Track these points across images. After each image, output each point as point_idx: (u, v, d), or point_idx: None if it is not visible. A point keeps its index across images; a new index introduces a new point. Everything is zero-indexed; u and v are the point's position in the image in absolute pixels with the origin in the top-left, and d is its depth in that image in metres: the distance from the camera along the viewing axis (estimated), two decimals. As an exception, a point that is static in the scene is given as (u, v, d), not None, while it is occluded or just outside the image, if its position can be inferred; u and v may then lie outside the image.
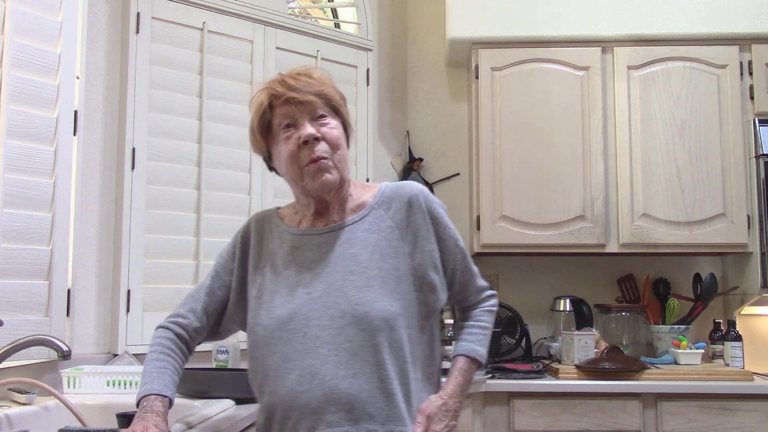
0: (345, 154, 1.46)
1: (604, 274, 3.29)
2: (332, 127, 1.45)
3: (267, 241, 1.53)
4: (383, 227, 1.45)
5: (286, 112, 1.44)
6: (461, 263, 1.52)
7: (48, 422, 1.75)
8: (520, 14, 3.07)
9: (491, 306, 1.60)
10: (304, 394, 1.34)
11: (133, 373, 2.08)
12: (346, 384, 1.33)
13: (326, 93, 1.45)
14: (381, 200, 1.49)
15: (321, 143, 1.42)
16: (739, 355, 2.84)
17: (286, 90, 1.43)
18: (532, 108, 3.05)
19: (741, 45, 3.01)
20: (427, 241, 1.46)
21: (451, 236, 1.51)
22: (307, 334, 1.37)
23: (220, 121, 2.66)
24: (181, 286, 2.52)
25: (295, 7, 3.17)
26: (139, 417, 1.31)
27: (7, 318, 1.81)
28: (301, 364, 1.36)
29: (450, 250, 1.50)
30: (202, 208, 2.58)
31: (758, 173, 2.90)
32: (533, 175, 3.01)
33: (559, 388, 2.67)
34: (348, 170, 1.49)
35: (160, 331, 1.51)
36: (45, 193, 2.04)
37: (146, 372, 1.43)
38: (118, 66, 2.46)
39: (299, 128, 1.43)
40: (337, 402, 1.33)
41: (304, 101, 1.42)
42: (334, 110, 1.47)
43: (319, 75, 1.47)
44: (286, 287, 1.43)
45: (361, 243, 1.43)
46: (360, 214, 1.48)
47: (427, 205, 1.49)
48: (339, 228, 1.46)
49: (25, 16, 2.00)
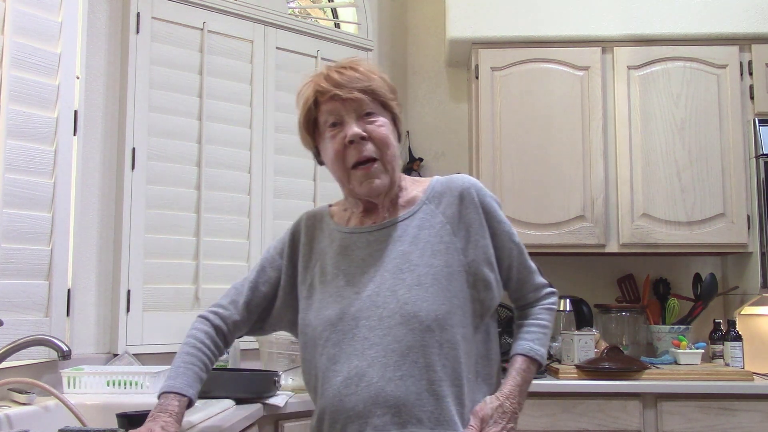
0: (395, 152, 1.40)
1: (604, 274, 3.29)
2: (380, 125, 1.38)
3: (317, 240, 1.49)
4: (434, 223, 1.40)
5: (331, 110, 1.38)
6: (517, 259, 1.46)
7: (48, 422, 1.75)
8: (520, 14, 3.07)
9: (551, 304, 1.52)
10: (350, 397, 1.30)
11: (133, 373, 2.08)
12: (392, 386, 1.28)
13: (373, 88, 1.38)
14: (432, 195, 1.44)
15: (368, 143, 1.37)
16: (739, 355, 2.84)
17: (331, 86, 1.37)
18: (532, 108, 3.05)
19: (741, 45, 3.01)
20: (481, 236, 1.40)
21: (505, 231, 1.44)
22: (356, 335, 1.33)
23: (220, 121, 2.66)
24: (181, 286, 2.53)
25: (295, 7, 3.17)
26: (152, 416, 1.31)
27: (7, 318, 1.81)
28: (348, 366, 1.32)
29: (505, 245, 1.44)
30: (202, 208, 2.58)
31: (758, 173, 2.90)
32: (533, 175, 3.01)
33: (559, 388, 2.67)
34: (398, 169, 1.43)
35: (198, 322, 1.49)
36: (45, 193, 2.04)
37: (174, 365, 1.41)
38: (118, 66, 2.46)
39: (345, 127, 1.37)
40: (384, 405, 1.28)
41: (349, 98, 1.36)
42: (382, 105, 1.40)
43: (366, 68, 1.41)
44: (335, 287, 1.40)
45: (411, 240, 1.38)
46: (411, 210, 1.43)
47: (479, 199, 1.43)
48: (389, 225, 1.42)
49: (25, 16, 2.00)
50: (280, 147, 2.81)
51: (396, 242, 1.39)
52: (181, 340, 2.47)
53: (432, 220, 1.40)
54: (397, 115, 1.44)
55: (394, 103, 1.42)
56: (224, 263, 2.64)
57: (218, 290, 2.58)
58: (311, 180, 2.90)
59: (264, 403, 2.01)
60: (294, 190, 2.84)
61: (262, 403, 1.99)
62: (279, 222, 2.78)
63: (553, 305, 1.53)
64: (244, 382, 2.01)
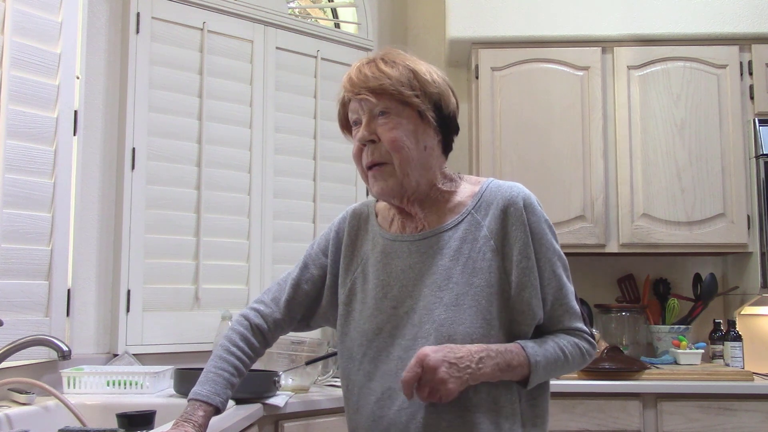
0: (409, 154, 1.31)
1: (604, 274, 3.29)
2: (391, 126, 1.31)
3: (361, 241, 1.44)
4: (479, 236, 1.32)
5: (353, 108, 1.36)
6: (554, 294, 1.32)
7: (48, 422, 1.75)
8: (520, 14, 3.07)
9: (580, 343, 1.33)
10: (384, 419, 1.28)
11: (133, 373, 2.08)
12: (424, 413, 1.24)
13: (386, 87, 1.31)
14: (479, 203, 1.35)
15: (377, 146, 1.32)
16: (739, 355, 2.84)
17: (349, 85, 1.34)
18: (532, 108, 3.05)
19: (741, 45, 3.01)
20: (525, 257, 1.30)
21: (548, 259, 1.31)
22: (391, 354, 1.30)
23: (220, 121, 2.66)
24: (181, 286, 2.53)
25: (295, 7, 3.17)
26: (176, 423, 1.28)
27: (7, 318, 1.81)
28: (382, 386, 1.30)
29: (544, 275, 1.31)
30: (202, 208, 2.58)
31: (758, 173, 2.90)
32: (533, 175, 3.01)
33: (559, 388, 2.67)
34: (420, 171, 1.33)
35: (236, 321, 1.46)
36: (45, 193, 2.04)
37: (206, 369, 1.38)
38: (118, 66, 2.46)
39: (361, 127, 1.35)
40: (416, 430, 1.25)
41: (362, 99, 1.33)
42: (402, 102, 1.32)
43: (387, 64, 1.35)
44: (373, 298, 1.35)
45: (453, 254, 1.31)
46: (455, 218, 1.35)
47: (527, 216, 1.32)
48: (432, 235, 1.35)
49: (25, 16, 2.00)
50: (280, 147, 2.81)
51: (437, 255, 1.32)
52: (181, 340, 2.49)
53: (476, 233, 1.32)
54: (424, 112, 1.34)
55: (418, 99, 1.33)
56: (224, 263, 2.64)
57: (218, 290, 2.60)
58: (311, 180, 2.90)
59: (264, 403, 2.00)
60: (294, 190, 2.84)
61: (262, 403, 1.99)
62: (279, 222, 2.78)
63: (583, 347, 1.33)
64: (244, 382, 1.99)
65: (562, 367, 1.31)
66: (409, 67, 1.36)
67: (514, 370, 1.25)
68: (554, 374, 1.31)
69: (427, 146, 1.35)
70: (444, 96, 1.39)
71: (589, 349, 1.34)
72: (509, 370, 1.25)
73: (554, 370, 1.30)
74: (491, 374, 1.23)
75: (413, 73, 1.35)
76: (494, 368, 1.22)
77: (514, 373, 1.26)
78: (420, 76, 1.36)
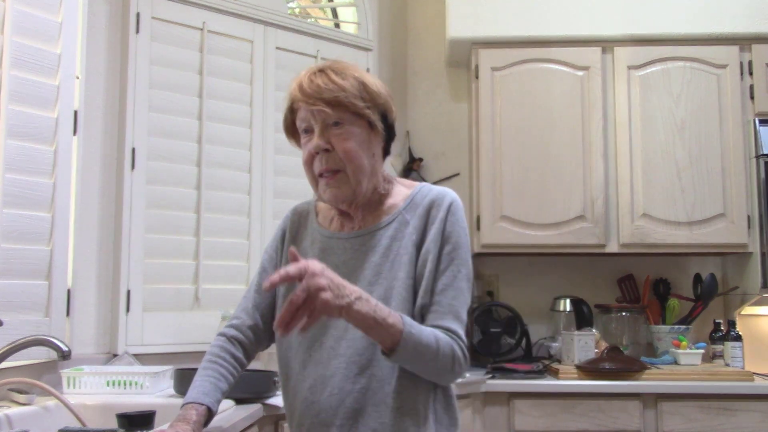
0: (361, 163, 1.37)
1: (604, 274, 3.29)
2: (345, 137, 1.36)
3: (301, 238, 1.52)
4: (405, 233, 1.39)
5: (303, 117, 1.39)
6: (443, 289, 1.35)
7: (48, 422, 1.75)
8: (520, 14, 3.07)
9: (455, 346, 1.31)
10: (315, 404, 1.35)
11: (133, 373, 2.08)
12: (351, 399, 1.33)
13: (341, 99, 1.35)
14: (410, 204, 1.43)
15: (331, 155, 1.37)
16: (739, 355, 2.84)
17: (300, 95, 1.37)
18: (532, 108, 3.05)
19: (741, 45, 3.01)
20: (430, 249, 1.36)
21: (451, 259, 1.36)
22: (324, 343, 1.37)
23: (220, 121, 2.66)
24: (181, 286, 2.53)
25: (295, 7, 3.17)
26: (170, 424, 1.31)
27: (7, 318, 1.81)
28: (314, 373, 1.37)
29: (440, 267, 1.35)
30: (202, 208, 2.58)
31: (758, 173, 2.90)
32: (533, 175, 3.01)
33: (559, 389, 2.67)
34: (370, 178, 1.40)
35: (215, 339, 1.50)
36: (45, 193, 2.04)
37: (192, 382, 1.42)
38: (118, 66, 2.46)
39: (313, 136, 1.38)
40: (344, 416, 1.33)
41: (314, 110, 1.36)
42: (355, 114, 1.37)
43: (340, 75, 1.38)
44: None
45: (383, 251, 1.39)
46: (387, 218, 1.42)
47: (446, 216, 1.38)
48: (366, 234, 1.42)
49: (25, 16, 2.00)
50: (280, 147, 2.81)
51: (370, 252, 1.40)
52: (181, 340, 2.49)
53: (404, 231, 1.40)
54: (374, 122, 1.39)
55: (369, 111, 1.38)
56: (224, 263, 2.64)
57: (218, 290, 2.60)
58: (311, 180, 2.90)
59: (264, 403, 2.00)
60: (294, 190, 2.84)
61: (262, 403, 1.99)
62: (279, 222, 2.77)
63: (456, 352, 1.31)
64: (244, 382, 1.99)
65: (432, 359, 1.29)
66: (359, 78, 1.40)
67: (387, 329, 1.24)
68: (420, 361, 1.29)
69: (375, 153, 1.42)
70: (388, 106, 1.44)
71: (459, 357, 1.31)
72: (382, 326, 1.23)
73: (422, 354, 1.27)
74: (365, 318, 1.21)
75: (363, 85, 1.39)
76: (369, 313, 1.21)
77: (386, 331, 1.24)
78: (369, 88, 1.40)
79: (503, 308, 3.12)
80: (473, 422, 2.66)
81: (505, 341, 3.10)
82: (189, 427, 1.28)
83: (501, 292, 3.32)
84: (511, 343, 3.09)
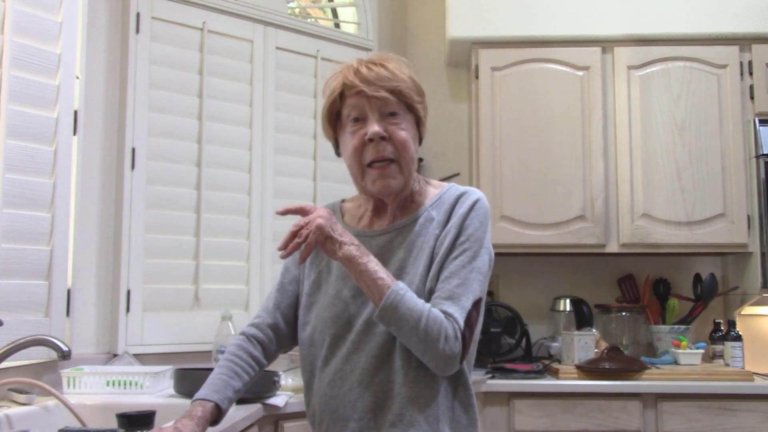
0: (413, 156, 1.40)
1: (604, 274, 3.29)
2: (402, 127, 1.38)
3: None
4: (430, 228, 1.40)
5: (355, 104, 1.38)
6: (450, 276, 1.34)
7: (48, 422, 1.75)
8: (520, 14, 3.07)
9: (446, 324, 1.28)
10: (333, 399, 1.36)
11: (133, 373, 2.08)
12: (370, 393, 1.33)
13: (400, 89, 1.37)
14: (437, 201, 1.44)
15: (387, 144, 1.37)
16: (739, 355, 2.84)
17: (359, 81, 1.36)
18: (532, 108, 3.05)
19: (741, 45, 3.01)
20: (446, 237, 1.37)
21: (465, 249, 1.35)
22: (347, 339, 1.37)
23: (220, 121, 2.66)
24: (181, 286, 2.53)
25: (295, 7, 3.17)
26: (175, 422, 1.31)
27: (7, 318, 1.81)
28: (334, 369, 1.37)
29: (453, 254, 1.35)
30: (202, 208, 2.58)
31: (758, 173, 2.90)
32: (533, 175, 3.01)
33: (559, 388, 2.67)
34: (414, 172, 1.43)
35: (234, 338, 1.50)
36: (45, 193, 2.04)
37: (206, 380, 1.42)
38: (118, 66, 2.46)
39: (367, 124, 1.37)
40: (363, 410, 1.33)
41: (375, 96, 1.35)
42: (407, 107, 1.40)
43: (395, 66, 1.39)
44: (334, 288, 1.41)
45: (408, 246, 1.39)
46: (415, 215, 1.43)
47: (468, 213, 1.38)
48: (392, 230, 1.43)
49: (25, 16, 2.00)
50: (280, 147, 2.81)
51: (396, 248, 1.40)
52: (181, 340, 2.49)
53: (429, 226, 1.40)
54: (422, 119, 1.43)
55: (420, 105, 1.41)
56: (224, 263, 2.64)
57: (218, 290, 2.60)
58: (311, 180, 2.90)
59: (264, 403, 2.00)
60: (294, 190, 2.84)
61: (262, 404, 1.99)
62: (279, 222, 2.78)
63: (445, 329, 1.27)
64: (244, 382, 2.01)
65: (416, 328, 1.26)
66: (410, 74, 1.42)
67: (375, 281, 1.27)
68: (406, 328, 1.27)
69: (416, 150, 1.44)
70: (426, 106, 1.47)
71: (450, 335, 1.27)
72: (372, 278, 1.27)
73: (408, 320, 1.26)
74: (357, 263, 1.28)
75: (414, 81, 1.42)
76: (360, 259, 1.28)
77: (374, 284, 1.27)
78: (419, 85, 1.43)
79: (503, 308, 3.12)
80: (473, 422, 2.65)
81: (505, 341, 3.10)
82: (192, 423, 1.28)
83: (501, 292, 3.32)
84: (511, 343, 3.09)
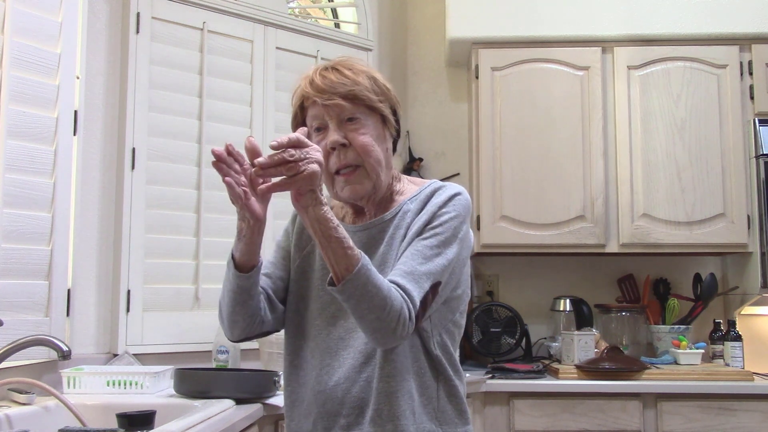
0: (378, 157, 1.37)
1: (604, 274, 3.29)
2: (362, 132, 1.36)
3: (308, 235, 1.48)
4: (407, 221, 1.39)
5: (315, 114, 1.37)
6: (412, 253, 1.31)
7: (48, 422, 1.75)
8: (520, 14, 3.07)
9: (405, 301, 1.25)
10: (321, 394, 1.36)
11: (133, 373, 2.08)
12: (357, 389, 1.33)
13: (354, 93, 1.35)
14: (416, 195, 1.43)
15: (349, 150, 1.36)
16: (739, 355, 2.84)
17: (313, 91, 1.35)
18: (532, 108, 3.05)
19: (741, 45, 3.01)
20: (416, 222, 1.36)
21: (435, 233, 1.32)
22: (332, 333, 1.38)
23: (220, 121, 2.66)
24: (181, 286, 2.53)
25: (295, 7, 3.17)
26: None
27: (7, 318, 1.81)
28: (321, 363, 1.37)
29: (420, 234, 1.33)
30: (202, 208, 2.58)
31: (758, 173, 2.90)
32: (533, 175, 3.01)
33: (559, 388, 2.67)
34: (386, 172, 1.40)
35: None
36: (45, 193, 2.04)
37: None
38: (118, 66, 2.46)
39: (327, 133, 1.36)
40: (350, 406, 1.33)
41: (329, 105, 1.34)
42: (369, 108, 1.37)
43: (352, 69, 1.38)
44: (320, 279, 1.41)
45: (388, 240, 1.39)
46: (393, 210, 1.42)
47: (443, 202, 1.36)
48: (373, 226, 1.42)
49: (25, 16, 2.00)
50: (280, 147, 2.81)
51: (377, 243, 1.40)
52: (181, 340, 2.49)
53: (406, 219, 1.39)
54: (387, 116, 1.40)
55: (382, 104, 1.39)
56: (224, 263, 2.62)
57: (218, 290, 2.58)
58: (311, 180, 2.90)
59: (264, 403, 2.00)
60: (294, 190, 2.84)
61: (262, 403, 1.99)
62: (279, 222, 2.77)
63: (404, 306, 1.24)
64: (244, 382, 2.01)
65: (379, 308, 1.21)
66: (369, 73, 1.40)
67: (346, 250, 1.20)
68: (367, 304, 1.21)
69: (388, 148, 1.42)
70: (396, 100, 1.45)
71: (405, 319, 1.24)
72: (344, 246, 1.20)
73: (372, 298, 1.21)
74: (329, 226, 1.20)
75: (374, 80, 1.40)
76: (333, 224, 1.20)
77: (344, 252, 1.20)
78: (380, 82, 1.41)
79: (503, 308, 3.12)
80: (473, 422, 2.65)
81: (505, 341, 3.10)
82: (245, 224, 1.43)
83: (501, 292, 3.32)
84: (511, 343, 3.09)
